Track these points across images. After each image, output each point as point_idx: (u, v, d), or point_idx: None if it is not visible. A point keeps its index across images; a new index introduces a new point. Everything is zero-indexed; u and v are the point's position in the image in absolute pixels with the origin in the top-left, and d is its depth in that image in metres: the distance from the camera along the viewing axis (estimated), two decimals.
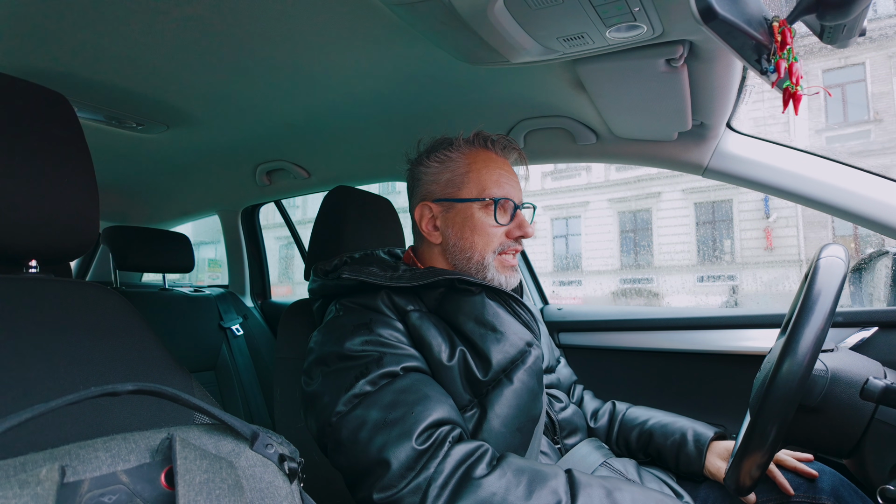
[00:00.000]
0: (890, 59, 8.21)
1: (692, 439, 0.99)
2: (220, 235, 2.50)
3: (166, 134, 1.47)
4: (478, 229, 0.92)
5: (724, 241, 9.84)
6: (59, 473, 0.37)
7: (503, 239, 0.94)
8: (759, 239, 9.52)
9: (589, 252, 11.10)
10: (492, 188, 0.92)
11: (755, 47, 0.69)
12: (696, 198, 10.20)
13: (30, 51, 0.98)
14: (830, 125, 8.73)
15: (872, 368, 0.76)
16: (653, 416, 1.08)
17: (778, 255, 9.30)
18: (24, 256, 0.67)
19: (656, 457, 1.04)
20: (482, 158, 0.95)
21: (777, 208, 9.34)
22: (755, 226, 9.60)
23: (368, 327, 0.82)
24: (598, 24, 0.76)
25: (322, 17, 0.88)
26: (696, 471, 0.97)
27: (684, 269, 10.10)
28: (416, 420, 0.71)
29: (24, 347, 0.58)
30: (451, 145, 0.97)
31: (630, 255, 10.77)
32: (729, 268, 9.69)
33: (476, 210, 0.93)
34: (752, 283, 9.40)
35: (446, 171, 0.95)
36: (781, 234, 9.34)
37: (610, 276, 10.77)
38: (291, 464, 0.51)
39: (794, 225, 9.25)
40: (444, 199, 0.95)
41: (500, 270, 0.93)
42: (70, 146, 0.68)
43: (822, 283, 0.67)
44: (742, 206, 9.75)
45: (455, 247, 0.94)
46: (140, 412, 0.62)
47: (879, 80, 8.37)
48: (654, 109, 1.08)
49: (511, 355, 0.85)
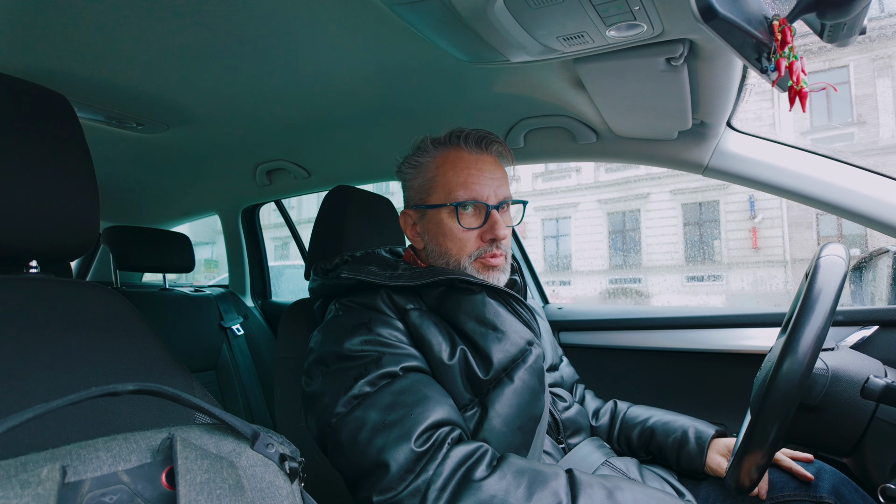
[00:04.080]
0: (873, 61, 8.19)
1: (693, 437, 0.99)
2: (217, 235, 2.51)
3: (166, 134, 1.47)
4: (448, 235, 0.90)
5: (712, 241, 9.94)
6: (60, 473, 0.37)
7: (478, 243, 0.90)
8: (746, 239, 9.60)
9: (579, 252, 11.21)
10: (458, 192, 0.89)
11: (755, 46, 0.69)
12: (683, 199, 10.28)
13: (30, 51, 0.97)
14: (815, 127, 8.74)
15: (873, 367, 0.76)
16: (654, 415, 1.08)
17: (763, 255, 9.38)
18: (25, 257, 0.67)
19: (658, 454, 1.04)
20: (451, 160, 0.92)
21: (763, 209, 9.40)
22: (741, 226, 9.68)
23: (367, 327, 0.81)
24: (598, 23, 0.76)
25: (322, 17, 0.88)
26: (698, 468, 0.97)
27: (672, 270, 10.19)
28: (415, 422, 0.71)
29: (24, 348, 0.58)
30: (421, 149, 0.95)
31: (619, 255, 10.87)
32: (716, 268, 9.78)
33: (444, 215, 0.90)
34: (739, 283, 9.49)
35: (418, 176, 0.94)
36: (767, 234, 9.40)
37: (599, 277, 10.86)
38: (292, 463, 0.51)
39: (779, 225, 9.30)
40: (419, 206, 0.94)
41: (481, 272, 0.90)
42: (70, 146, 0.68)
43: (823, 281, 0.67)
44: (728, 207, 9.83)
45: (433, 252, 0.93)
46: (141, 412, 0.62)
47: (863, 82, 8.36)
48: (655, 108, 1.07)
49: (512, 354, 0.85)
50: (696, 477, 0.99)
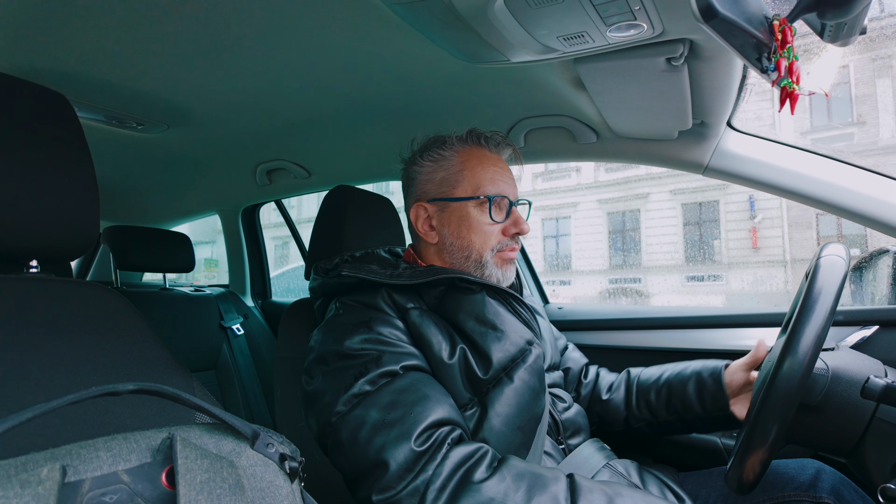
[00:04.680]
0: (873, 61, 8.17)
1: (708, 377, 1.00)
2: (217, 235, 2.51)
3: (166, 133, 1.47)
4: (474, 228, 0.93)
5: (712, 241, 10.00)
6: (60, 473, 0.37)
7: (500, 237, 0.94)
8: (746, 239, 9.65)
9: (578, 252, 11.27)
10: (486, 186, 0.92)
11: (755, 46, 0.69)
12: (683, 199, 10.35)
13: (30, 51, 0.97)
14: (815, 127, 8.72)
15: (873, 367, 0.76)
16: (665, 371, 1.08)
17: (763, 255, 9.44)
18: (25, 256, 0.67)
19: (682, 409, 1.02)
20: (476, 156, 0.95)
21: (763, 209, 9.44)
22: (741, 226, 9.72)
23: (368, 325, 0.82)
24: (599, 22, 0.76)
25: (322, 16, 0.88)
26: (725, 405, 0.97)
27: (672, 269, 10.25)
28: (414, 421, 0.71)
29: (24, 347, 0.58)
30: (445, 144, 0.97)
31: (619, 255, 10.94)
32: (716, 268, 9.84)
33: (471, 208, 0.93)
34: (739, 283, 9.55)
35: (440, 170, 0.95)
36: (767, 234, 9.45)
37: (599, 276, 10.93)
38: (292, 463, 0.51)
39: (779, 225, 9.34)
40: (439, 199, 0.95)
41: (498, 266, 0.93)
42: (70, 146, 0.68)
43: (823, 281, 0.67)
44: (728, 207, 9.87)
45: (452, 246, 0.94)
46: (141, 412, 0.62)
47: (863, 82, 8.35)
48: (655, 108, 1.07)
49: (511, 353, 0.85)
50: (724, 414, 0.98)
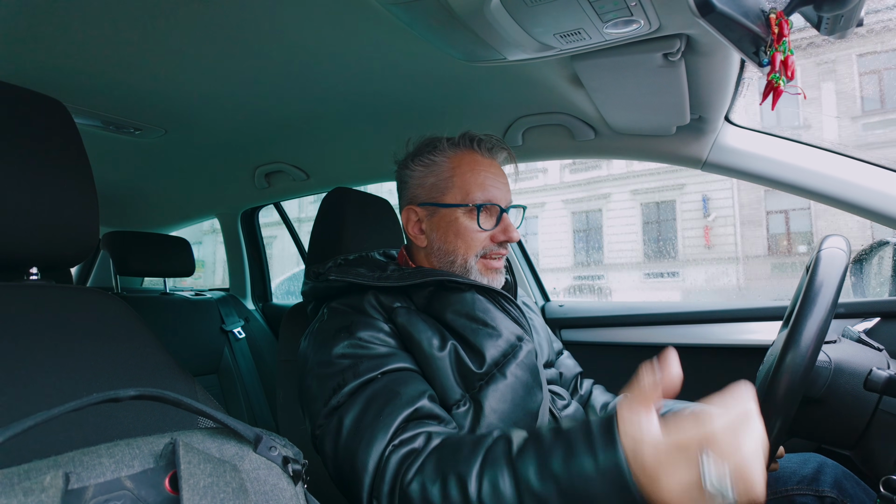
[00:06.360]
0: (818, 65, 8.06)
1: None
2: (203, 236, 2.51)
3: (164, 138, 1.47)
4: (461, 234, 0.92)
5: (669, 239, 10.40)
6: (63, 480, 0.37)
7: (487, 243, 0.93)
8: (700, 237, 10.03)
9: (545, 250, 11.61)
10: (475, 193, 0.91)
11: (753, 40, 0.69)
12: (642, 198, 10.77)
13: (26, 58, 0.97)
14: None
15: (876, 359, 0.76)
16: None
17: (716, 252, 9.84)
18: (25, 264, 0.67)
19: None
20: (467, 161, 0.94)
21: (716, 208, 9.79)
22: (696, 224, 10.09)
23: (349, 331, 0.81)
24: (595, 19, 0.75)
25: (318, 18, 0.88)
26: None
27: (632, 267, 10.65)
28: (384, 424, 0.70)
29: (25, 355, 0.58)
30: (436, 148, 0.96)
31: (582, 253, 11.38)
32: (673, 265, 10.23)
33: (460, 215, 0.92)
34: (693, 280, 10.00)
35: (431, 175, 0.95)
36: (720, 231, 9.78)
37: (565, 273, 11.28)
38: (295, 466, 0.51)
39: (731, 223, 9.60)
40: (429, 204, 0.94)
41: (483, 273, 0.92)
42: (69, 152, 0.68)
43: (824, 274, 0.67)
44: (684, 206, 10.30)
45: (439, 250, 0.93)
46: (143, 417, 0.62)
47: (809, 86, 8.21)
48: (652, 104, 1.07)
49: (503, 349, 0.85)
50: None
